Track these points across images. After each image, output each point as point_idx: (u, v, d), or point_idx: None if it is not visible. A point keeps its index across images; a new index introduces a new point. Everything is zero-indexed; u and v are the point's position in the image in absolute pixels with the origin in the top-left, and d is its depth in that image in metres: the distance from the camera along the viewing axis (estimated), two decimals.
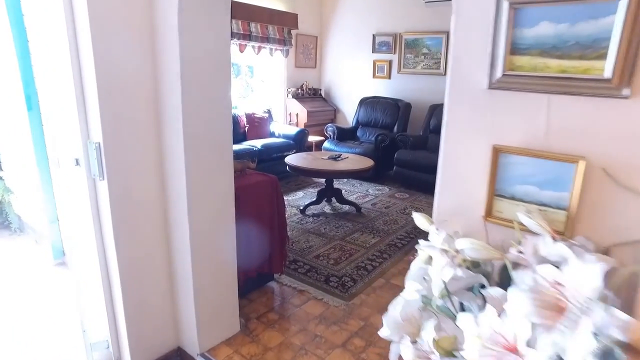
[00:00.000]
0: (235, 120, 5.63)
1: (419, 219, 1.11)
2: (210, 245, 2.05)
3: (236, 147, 5.18)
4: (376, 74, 6.85)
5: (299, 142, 5.83)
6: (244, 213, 2.51)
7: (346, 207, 4.65)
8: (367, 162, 4.39)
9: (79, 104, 1.69)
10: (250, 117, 5.81)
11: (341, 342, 2.34)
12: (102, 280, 1.95)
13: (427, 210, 4.92)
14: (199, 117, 1.84)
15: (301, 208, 4.47)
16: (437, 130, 5.78)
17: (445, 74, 6.25)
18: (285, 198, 4.88)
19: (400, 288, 2.69)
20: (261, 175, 2.76)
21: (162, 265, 2.07)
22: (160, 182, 1.95)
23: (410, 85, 6.53)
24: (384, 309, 1.08)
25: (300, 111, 6.66)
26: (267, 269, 2.79)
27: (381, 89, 6.82)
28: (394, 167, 5.60)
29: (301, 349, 2.26)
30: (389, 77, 6.73)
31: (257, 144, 5.38)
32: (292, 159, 4.41)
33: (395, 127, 6.19)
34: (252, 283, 2.75)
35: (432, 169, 5.37)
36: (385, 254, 3.54)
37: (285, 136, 5.88)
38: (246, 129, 5.75)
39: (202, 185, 1.94)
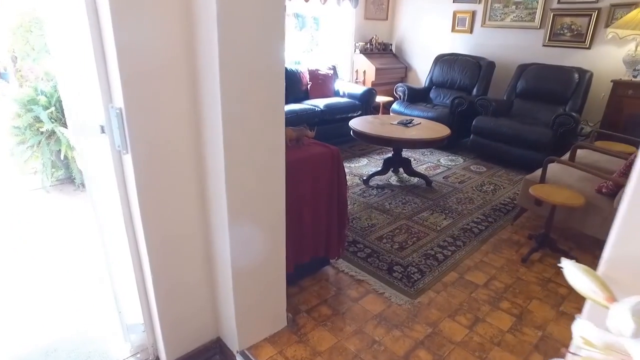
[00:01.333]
0: (297, 77, 5.22)
1: (579, 279, 0.65)
2: (252, 227, 1.73)
3: (297, 106, 4.80)
4: (456, 27, 6.02)
5: (365, 103, 5.32)
6: (298, 190, 2.15)
7: (415, 180, 4.16)
8: (443, 130, 3.82)
9: (97, 59, 1.36)
10: (313, 74, 5.36)
11: (403, 352, 1.98)
12: (132, 261, 1.72)
13: (508, 187, 4.33)
14: (240, 74, 1.46)
15: (364, 178, 4.06)
16: (524, 95, 5.01)
17: (540, 28, 5.33)
18: (347, 165, 4.51)
19: (476, 285, 2.22)
20: (320, 145, 2.36)
21: (199, 247, 1.79)
22: (195, 154, 1.63)
23: (496, 40, 5.67)
24: (456, 313, 0.69)
25: (368, 68, 6.08)
26: (322, 253, 2.45)
27: (461, 45, 6.01)
28: (471, 136, 4.95)
29: (355, 358, 1.93)
30: (471, 32, 5.89)
31: (319, 103, 4.96)
32: (357, 123, 3.95)
33: (475, 90, 5.45)
34: (304, 269, 2.44)
35: (516, 141, 4.64)
36: (459, 241, 3.06)
37: (350, 95, 5.39)
38: (309, 86, 5.33)
39: (243, 157, 1.58)
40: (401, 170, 4.22)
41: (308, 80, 5.33)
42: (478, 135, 4.87)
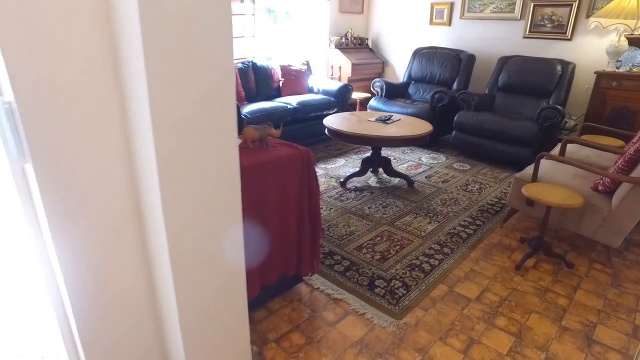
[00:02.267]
0: (268, 74, 4.87)
1: None
2: (201, 251, 1.39)
3: (268, 104, 4.45)
4: (434, 20, 5.78)
5: (341, 100, 5.01)
6: (262, 199, 1.83)
7: (395, 181, 3.88)
8: (425, 127, 3.54)
9: None
10: (286, 70, 5.02)
11: None
12: (54, 310, 1.35)
13: (494, 186, 4.10)
14: (173, 59, 1.11)
15: (341, 180, 3.74)
16: (507, 89, 4.79)
17: (521, 19, 5.13)
18: (323, 166, 4.20)
19: (468, 300, 1.90)
20: (288, 146, 2.03)
21: (138, 284, 1.43)
22: (126, 167, 1.27)
23: (476, 33, 5.45)
24: (447, 334, 0.65)
25: (343, 63, 5.78)
26: (293, 270, 2.12)
27: (439, 38, 5.77)
28: (453, 132, 4.71)
29: None
30: (449, 24, 5.66)
31: (292, 101, 4.62)
32: (332, 121, 3.64)
33: (455, 84, 5.22)
34: (273, 288, 2.11)
35: (501, 136, 4.34)
36: (447, 248, 2.78)
37: (325, 92, 5.08)
38: (281, 83, 4.99)
39: (183, 167, 1.24)
40: (381, 170, 3.93)
41: (280, 76, 4.99)
42: (460, 132, 4.63)
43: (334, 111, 4.88)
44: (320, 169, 4.11)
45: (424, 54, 5.52)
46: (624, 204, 2.49)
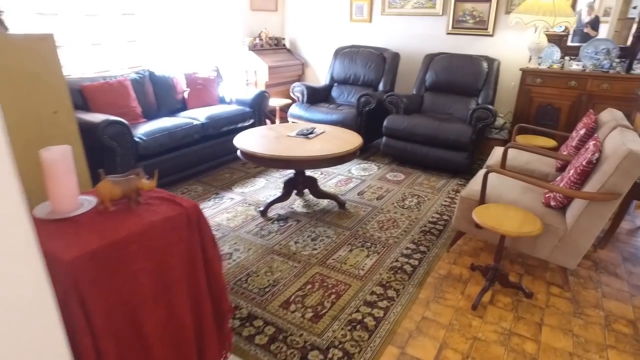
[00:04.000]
0: (169, 84, 4.13)
1: None
2: None
3: (171, 121, 3.72)
4: (354, 17, 5.38)
5: (257, 109, 4.40)
6: (128, 293, 1.20)
7: (324, 202, 3.37)
8: (352, 140, 3.07)
9: None
10: (191, 79, 4.31)
11: None
12: None
13: (433, 198, 3.75)
14: None
15: (261, 209, 3.15)
16: (435, 88, 4.50)
17: (443, 14, 4.87)
18: (240, 191, 3.55)
19: None
20: (167, 203, 1.41)
21: None
22: None
23: (398, 29, 5.12)
24: None
25: (259, 67, 5.17)
26: None
27: (361, 36, 5.38)
28: (384, 138, 4.31)
29: None
30: (370, 21, 5.28)
31: (200, 114, 3.93)
32: (244, 140, 3.03)
33: (381, 85, 4.84)
34: None
35: (433, 141, 3.90)
36: (391, 289, 2.32)
37: (239, 102, 4.44)
38: (185, 94, 4.27)
39: None
40: (307, 191, 3.41)
41: (185, 86, 4.27)
42: (391, 138, 4.24)
43: (250, 123, 4.27)
44: (237, 195, 3.48)
45: (345, 54, 5.08)
46: (579, 222, 2.18)
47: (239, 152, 2.98)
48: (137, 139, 3.24)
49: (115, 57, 4.04)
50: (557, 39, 4.27)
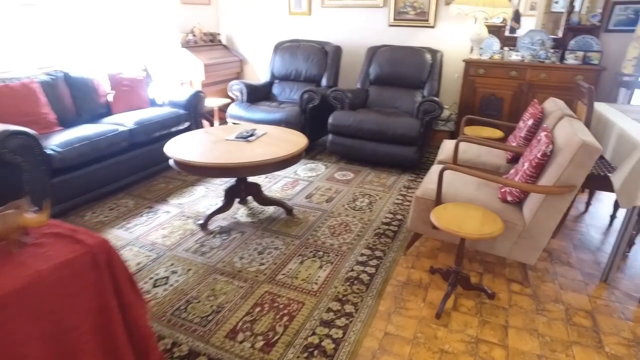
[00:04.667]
0: (90, 87, 3.67)
1: None
2: None
3: (93, 128, 3.28)
4: (292, 10, 5.13)
5: (193, 111, 4.05)
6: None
7: (270, 209, 3.12)
8: (297, 141, 2.83)
9: None
10: (115, 80, 3.86)
11: None
12: None
13: (384, 196, 3.59)
14: None
15: (201, 221, 2.84)
16: (379, 82, 4.37)
17: (384, 6, 4.75)
18: (177, 202, 3.18)
19: None
20: (64, 241, 1.10)
21: None
22: None
23: (339, 22, 4.94)
24: None
25: (194, 65, 4.79)
26: None
27: (301, 29, 5.15)
28: (330, 136, 4.12)
29: None
30: (310, 13, 5.06)
31: (127, 120, 3.52)
32: (177, 147, 2.70)
33: (324, 80, 4.65)
34: None
35: (381, 136, 3.73)
36: (348, 304, 2.12)
37: (173, 104, 4.05)
38: (110, 97, 3.82)
39: None
40: (250, 198, 3.13)
41: (109, 89, 3.82)
42: (337, 135, 4.06)
43: (185, 126, 3.91)
44: (173, 207, 3.14)
45: (286, 49, 4.82)
46: (537, 217, 2.10)
47: (171, 162, 2.64)
48: (50, 152, 2.80)
49: (17, 56, 3.49)
50: (496, 30, 4.28)
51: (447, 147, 3.16)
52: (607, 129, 2.59)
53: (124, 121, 3.48)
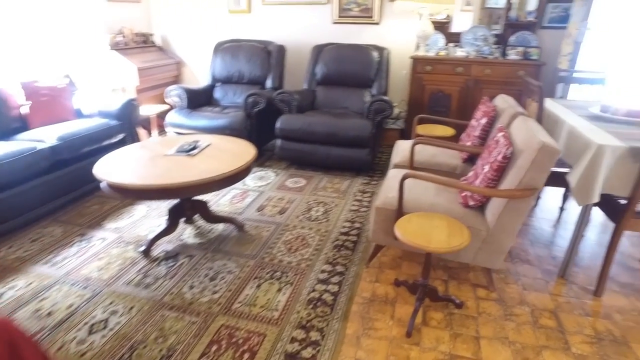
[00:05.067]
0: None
1: None
2: None
3: (3, 146, 2.86)
4: (231, 8, 4.85)
5: (127, 121, 3.68)
6: None
7: (220, 227, 2.88)
8: (245, 152, 2.62)
9: None
10: (31, 90, 3.41)
11: None
12: None
13: (340, 203, 3.12)
14: None
15: (143, 248, 2.55)
16: (327, 82, 4.24)
17: (328, 3, 4.59)
18: (113, 226, 2.79)
19: None
20: None
21: None
22: None
23: (282, 20, 4.74)
24: None
25: (126, 70, 4.38)
26: None
27: (242, 28, 4.88)
28: (278, 141, 3.91)
29: None
30: (250, 11, 4.81)
31: (48, 135, 3.11)
32: (106, 169, 2.39)
33: (269, 81, 4.43)
34: None
35: (332, 139, 3.57)
36: (314, 330, 1.95)
37: (103, 114, 3.66)
38: (25, 109, 3.37)
39: None
40: (198, 216, 2.87)
41: (23, 99, 3.37)
42: (286, 140, 3.86)
43: (118, 139, 3.55)
44: (110, 232, 2.81)
45: (226, 49, 4.54)
46: (501, 221, 2.04)
47: (103, 185, 2.33)
48: None
49: None
50: (440, 26, 4.26)
51: (401, 148, 3.07)
52: (557, 125, 2.60)
53: (44, 137, 3.08)
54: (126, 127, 3.64)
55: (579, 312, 2.16)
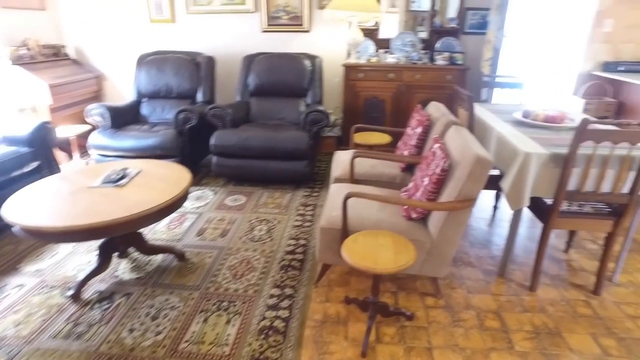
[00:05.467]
0: None
1: None
2: None
3: None
4: (153, 17, 4.58)
5: (40, 146, 3.33)
6: None
7: (158, 258, 2.69)
8: (179, 177, 2.46)
9: None
10: None
11: None
12: None
13: (283, 219, 2.99)
14: None
15: (72, 292, 2.31)
16: (260, 93, 4.16)
17: (256, 11, 4.48)
18: (34, 269, 2.43)
19: None
20: None
21: None
22: None
23: (209, 30, 4.57)
24: None
25: (34, 87, 3.98)
26: None
27: (167, 39, 4.64)
28: (214, 157, 3.75)
29: None
30: (174, 20, 4.58)
31: None
32: (18, 209, 2.13)
33: (200, 94, 4.25)
34: None
35: (270, 153, 3.48)
36: None
37: (11, 140, 3.28)
38: None
39: None
40: (132, 248, 2.67)
41: None
42: (222, 156, 3.71)
43: (32, 168, 3.20)
44: (29, 277, 2.51)
45: (151, 62, 4.28)
46: (443, 232, 2.10)
47: (16, 229, 2.07)
48: None
49: None
50: (369, 33, 4.33)
51: (340, 160, 3.07)
52: (486, 132, 2.72)
53: None
54: (40, 153, 3.29)
55: (518, 309, 2.28)
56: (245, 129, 3.75)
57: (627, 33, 4.37)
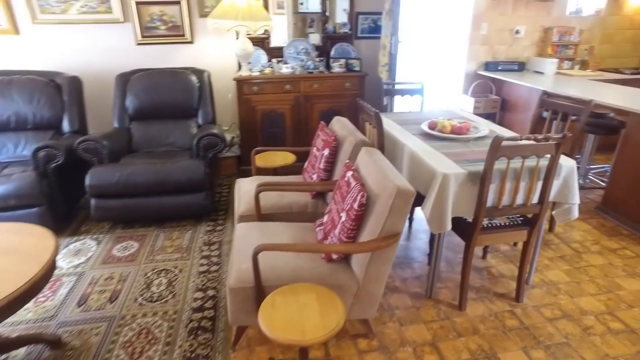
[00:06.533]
0: None
1: None
2: None
3: None
4: None
5: None
6: None
7: (20, 352, 2.09)
8: (40, 249, 1.90)
9: None
10: None
11: None
12: None
13: (185, 268, 2.21)
14: None
15: None
16: (142, 116, 3.63)
17: (126, 21, 3.85)
18: None
19: None
20: None
21: None
22: None
23: (68, 44, 3.84)
24: None
25: None
26: None
27: (9, 55, 3.79)
28: (92, 200, 3.12)
29: None
30: (17, 32, 3.76)
31: None
32: None
33: (66, 123, 3.55)
34: None
35: (161, 188, 3.02)
36: None
37: None
38: None
39: None
40: None
41: None
42: (102, 198, 3.11)
43: None
44: None
45: None
46: (369, 272, 1.88)
47: None
48: None
49: None
50: (260, 42, 4.00)
51: (243, 191, 2.71)
52: (396, 147, 2.58)
53: None
54: None
55: (452, 335, 2.17)
56: (128, 162, 3.19)
57: (499, 35, 4.66)
